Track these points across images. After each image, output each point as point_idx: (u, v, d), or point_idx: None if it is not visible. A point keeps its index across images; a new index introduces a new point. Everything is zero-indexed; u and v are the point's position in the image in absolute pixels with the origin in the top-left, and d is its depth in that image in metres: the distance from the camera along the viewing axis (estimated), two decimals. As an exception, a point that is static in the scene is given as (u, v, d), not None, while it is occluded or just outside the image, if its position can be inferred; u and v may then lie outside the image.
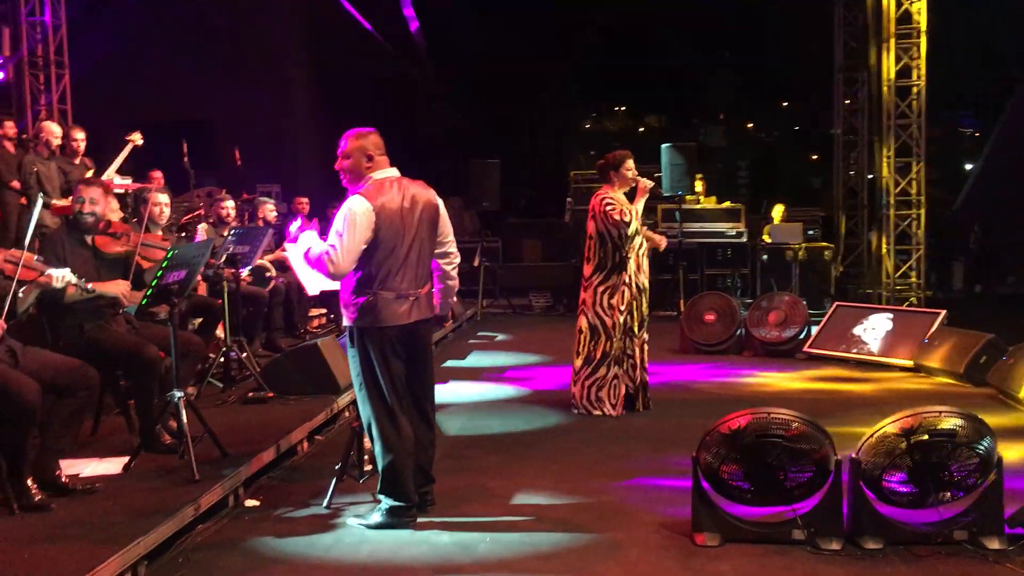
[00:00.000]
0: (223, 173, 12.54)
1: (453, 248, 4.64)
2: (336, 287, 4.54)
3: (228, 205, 8.19)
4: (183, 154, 9.19)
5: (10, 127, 8.95)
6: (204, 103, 14.68)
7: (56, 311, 4.93)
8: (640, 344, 6.60)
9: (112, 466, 4.82)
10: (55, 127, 8.38)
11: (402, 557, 4.06)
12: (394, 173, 4.45)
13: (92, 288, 4.58)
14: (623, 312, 6.46)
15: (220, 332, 6.88)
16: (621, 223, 6.36)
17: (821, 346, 8.99)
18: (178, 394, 4.82)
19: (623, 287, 6.45)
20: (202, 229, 8.02)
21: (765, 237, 12.81)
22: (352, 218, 4.23)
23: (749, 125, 26.40)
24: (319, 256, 4.27)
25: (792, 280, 12.11)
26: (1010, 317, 10.42)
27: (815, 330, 9.19)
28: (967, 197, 18.94)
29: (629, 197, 6.60)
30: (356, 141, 4.41)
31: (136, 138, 8.67)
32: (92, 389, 4.51)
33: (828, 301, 11.08)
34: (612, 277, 6.46)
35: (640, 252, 6.56)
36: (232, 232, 7.08)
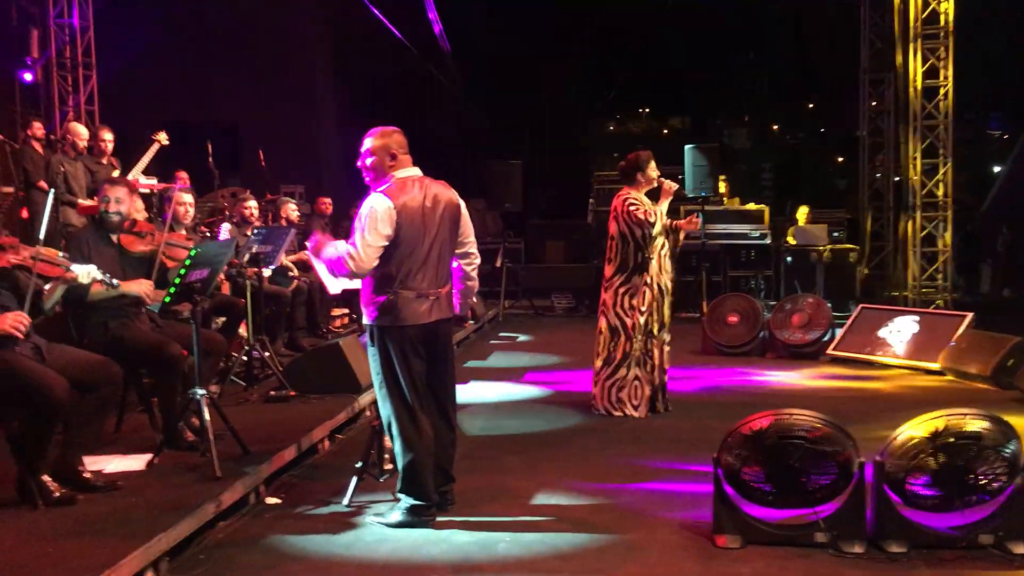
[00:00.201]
0: (247, 173, 12.63)
1: (474, 249, 4.63)
2: (358, 286, 4.56)
3: (251, 205, 8.24)
4: (208, 154, 9.26)
5: (38, 128, 9.05)
6: (229, 104, 14.78)
7: (81, 309, 4.98)
8: (659, 346, 6.57)
9: (135, 463, 4.85)
10: (82, 128, 8.47)
11: (421, 556, 4.06)
12: (416, 172, 4.46)
13: (116, 282, 4.61)
14: (644, 313, 6.44)
15: (243, 331, 6.92)
16: (645, 222, 6.33)
17: (846, 348, 8.91)
18: (201, 392, 4.84)
19: (644, 288, 6.43)
20: (225, 229, 8.07)
21: (789, 239, 12.72)
22: (373, 216, 4.23)
23: (774, 127, 26.27)
24: (340, 256, 4.28)
25: (816, 282, 12.01)
26: (1038, 320, 10.29)
27: (839, 332, 9.11)
28: (995, 199, 18.73)
29: (651, 198, 6.57)
30: (379, 140, 4.42)
31: (162, 138, 8.74)
32: (115, 386, 4.55)
33: (853, 303, 10.99)
34: (633, 278, 6.44)
35: (663, 253, 6.53)
36: (255, 232, 7.13)
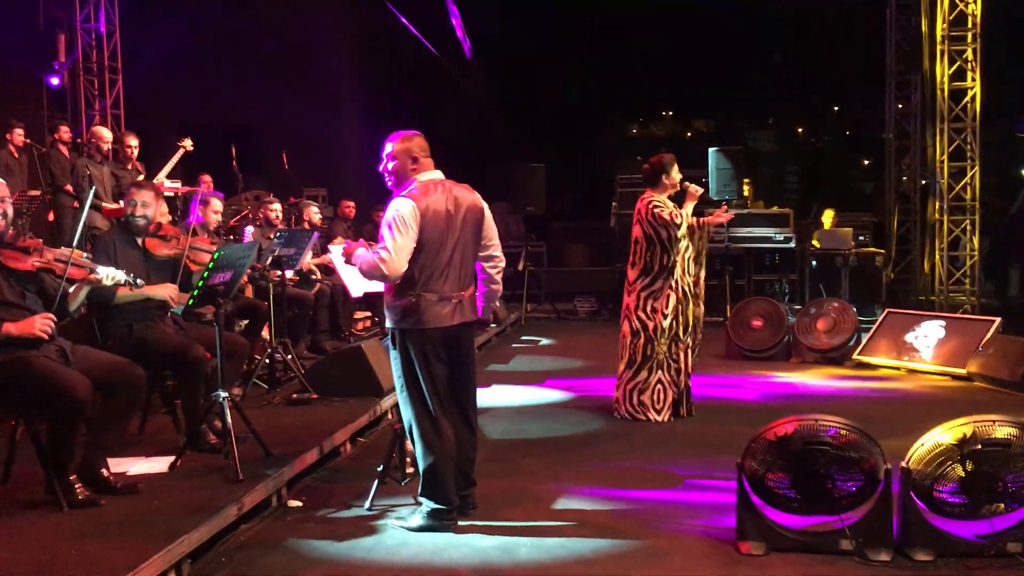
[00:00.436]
0: (271, 177, 12.68)
1: (498, 252, 4.62)
2: (381, 289, 4.55)
3: (276, 208, 8.28)
4: (232, 158, 9.32)
5: (65, 132, 9.16)
6: (252, 108, 14.85)
7: (105, 311, 5.02)
8: (684, 349, 6.53)
9: (158, 465, 4.88)
10: (107, 132, 8.54)
11: (442, 560, 4.05)
12: (439, 175, 4.45)
13: (140, 282, 4.64)
14: (668, 316, 6.40)
15: (266, 334, 6.95)
16: (671, 223, 6.30)
17: (871, 353, 8.82)
18: (223, 394, 4.86)
19: (669, 291, 6.39)
20: (249, 232, 8.11)
21: (815, 242, 12.63)
22: (400, 219, 4.23)
23: (799, 129, 26.12)
24: (371, 262, 4.27)
25: (842, 286, 11.92)
26: (1068, 325, 10.15)
27: (865, 337, 9.02)
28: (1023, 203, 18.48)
29: (675, 202, 6.54)
30: (401, 144, 4.42)
31: (187, 144, 8.82)
32: (139, 388, 4.56)
33: (879, 308, 10.89)
34: (657, 281, 6.40)
35: (686, 256, 6.50)
36: (278, 235, 7.15)
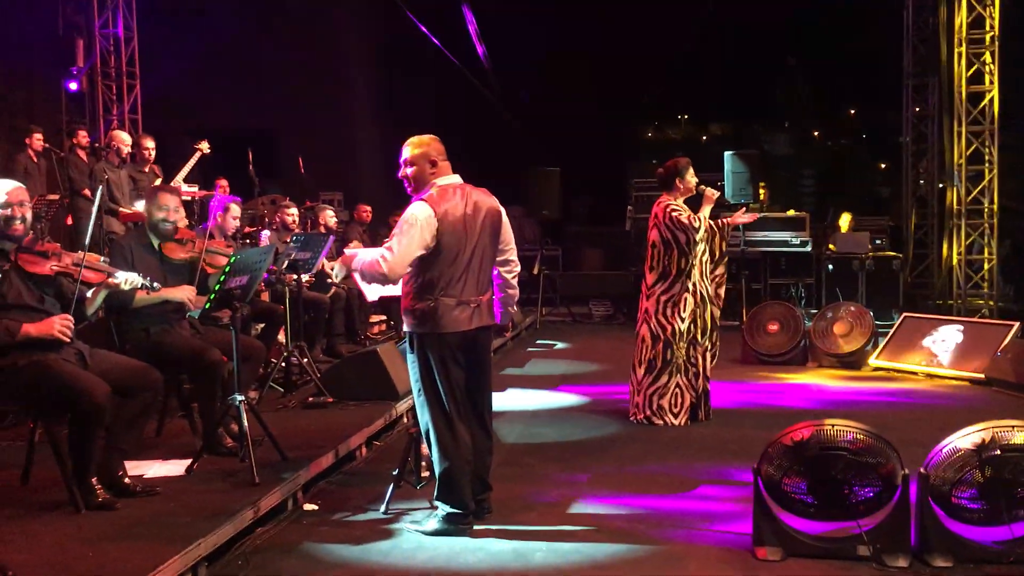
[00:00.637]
0: (287, 181, 12.73)
1: (514, 256, 4.62)
2: (397, 292, 4.56)
3: (292, 212, 8.31)
4: (248, 163, 9.36)
5: (83, 136, 9.24)
6: (268, 112, 14.92)
7: (123, 315, 5.05)
8: (703, 352, 6.51)
9: (175, 468, 4.90)
10: (125, 136, 8.61)
11: (458, 564, 4.05)
12: (457, 180, 4.46)
13: (158, 286, 4.67)
14: (686, 320, 6.39)
15: (282, 337, 6.97)
16: (690, 227, 6.30)
17: (889, 358, 8.78)
18: (240, 398, 4.88)
19: (687, 295, 6.38)
20: (266, 236, 8.14)
21: (831, 247, 12.57)
22: (413, 223, 4.24)
23: (815, 133, 26.00)
24: (373, 260, 4.28)
25: (858, 290, 11.86)
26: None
27: (882, 342, 8.98)
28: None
29: (691, 205, 6.53)
30: (419, 148, 4.42)
31: (204, 147, 8.87)
32: (156, 391, 4.59)
33: (896, 312, 10.83)
34: (676, 285, 6.39)
35: (703, 260, 6.48)
36: (294, 239, 7.18)
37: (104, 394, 4.17)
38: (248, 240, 8.28)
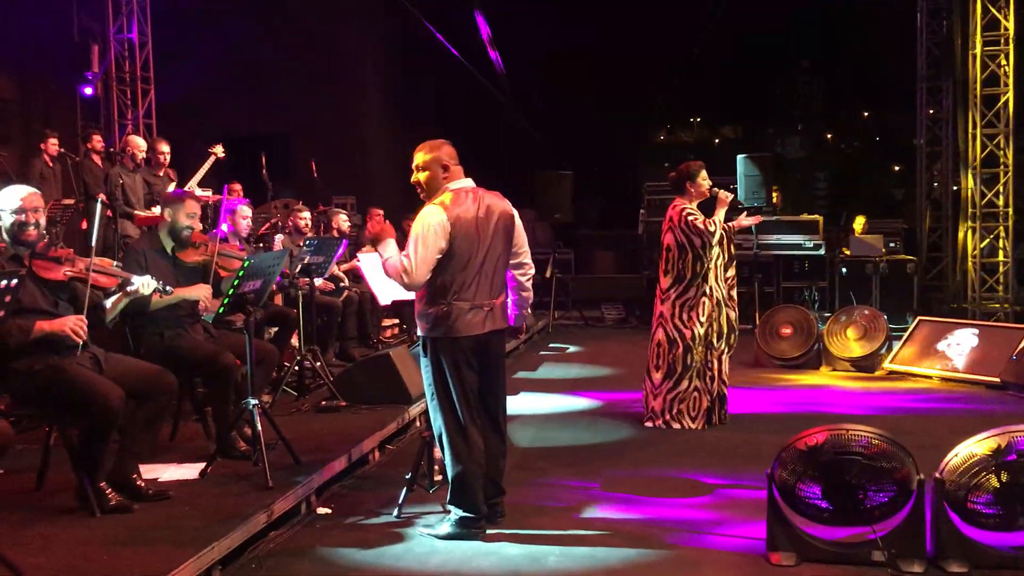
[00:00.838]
0: (300, 185, 12.76)
1: (528, 259, 4.62)
2: (409, 297, 4.57)
3: (305, 216, 8.32)
4: (262, 166, 9.39)
5: (98, 141, 9.27)
6: (281, 116, 14.97)
7: (138, 319, 5.06)
8: (718, 356, 6.49)
9: (189, 471, 4.92)
10: (140, 141, 8.65)
11: (471, 568, 4.05)
12: (469, 183, 4.46)
13: (171, 289, 4.69)
14: (704, 324, 6.38)
15: (295, 341, 6.99)
16: (705, 232, 6.29)
17: (903, 362, 8.73)
18: (253, 402, 4.89)
19: (704, 298, 6.37)
20: (279, 240, 8.16)
21: (845, 250, 12.52)
22: (427, 229, 4.24)
23: (828, 135, 25.93)
24: (396, 266, 4.29)
25: (872, 293, 11.80)
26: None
27: (896, 345, 8.93)
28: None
29: (704, 209, 6.52)
30: (430, 153, 4.43)
31: (218, 151, 8.90)
32: (171, 395, 4.61)
33: (910, 315, 10.77)
34: (691, 289, 6.38)
35: (718, 263, 6.47)
36: (307, 243, 7.19)
37: (118, 398, 4.19)
38: (261, 244, 8.30)
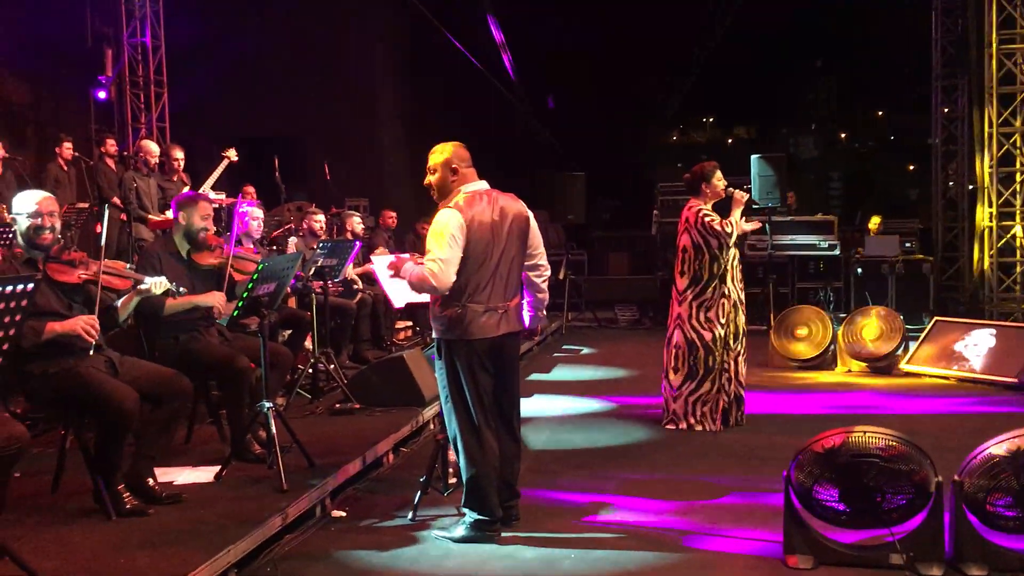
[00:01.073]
0: (313, 188, 12.80)
1: (543, 260, 4.61)
2: (423, 299, 4.56)
3: (319, 219, 8.33)
4: (275, 169, 9.41)
5: (111, 145, 9.32)
6: (294, 119, 15.01)
7: (153, 323, 5.08)
8: (734, 357, 6.46)
9: (204, 474, 4.92)
10: (153, 145, 8.69)
11: (486, 571, 4.03)
12: (483, 186, 4.45)
13: (183, 290, 4.70)
14: (723, 325, 6.35)
15: (309, 344, 6.99)
16: (722, 233, 6.26)
17: (920, 362, 8.66)
18: (268, 404, 4.90)
19: (722, 299, 6.34)
20: (292, 243, 8.17)
21: (860, 251, 12.46)
22: (447, 231, 4.23)
23: (842, 135, 25.82)
24: (420, 275, 4.26)
25: (888, 294, 11.74)
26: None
27: (913, 346, 8.87)
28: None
29: (719, 209, 6.49)
30: (440, 155, 4.43)
31: (231, 155, 8.92)
32: (185, 398, 4.61)
33: (926, 316, 10.70)
34: (708, 290, 6.35)
35: (734, 264, 6.45)
36: (321, 245, 7.20)
37: (133, 401, 4.20)
38: (275, 247, 8.32)
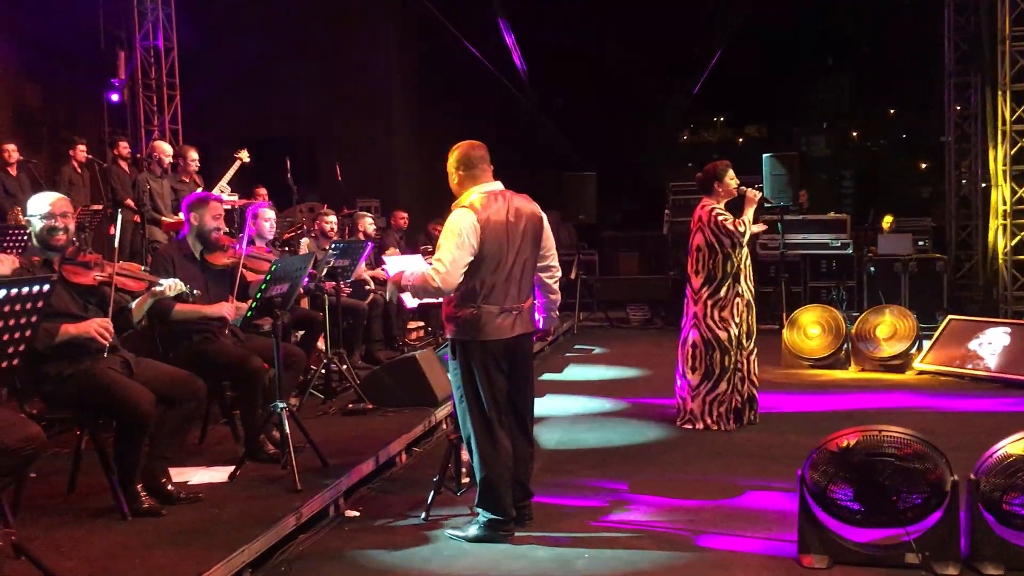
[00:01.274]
0: (324, 188, 12.81)
1: (555, 262, 4.62)
2: (438, 300, 4.56)
3: (332, 220, 8.35)
4: (286, 170, 9.44)
5: (124, 147, 9.37)
6: (306, 120, 15.04)
7: (166, 324, 5.10)
8: (747, 356, 6.45)
9: (218, 475, 4.94)
10: (167, 146, 8.72)
11: (499, 571, 4.04)
12: (498, 186, 4.46)
13: (198, 292, 4.72)
14: (737, 324, 6.34)
15: (321, 344, 7.01)
16: (735, 232, 6.25)
17: (934, 361, 8.62)
18: (281, 405, 4.91)
19: (736, 298, 6.33)
20: (304, 243, 8.19)
21: (874, 249, 12.41)
22: (458, 231, 4.23)
23: (854, 133, 25.72)
24: (422, 279, 4.26)
25: (901, 292, 11.68)
26: None
27: (927, 345, 8.83)
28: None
29: (729, 208, 6.48)
30: (450, 155, 4.46)
31: (243, 156, 8.96)
32: (199, 399, 4.64)
33: (940, 314, 10.65)
34: (722, 289, 6.34)
35: (746, 263, 6.44)
36: (333, 246, 7.21)
37: (150, 402, 4.23)
38: (288, 248, 8.34)
